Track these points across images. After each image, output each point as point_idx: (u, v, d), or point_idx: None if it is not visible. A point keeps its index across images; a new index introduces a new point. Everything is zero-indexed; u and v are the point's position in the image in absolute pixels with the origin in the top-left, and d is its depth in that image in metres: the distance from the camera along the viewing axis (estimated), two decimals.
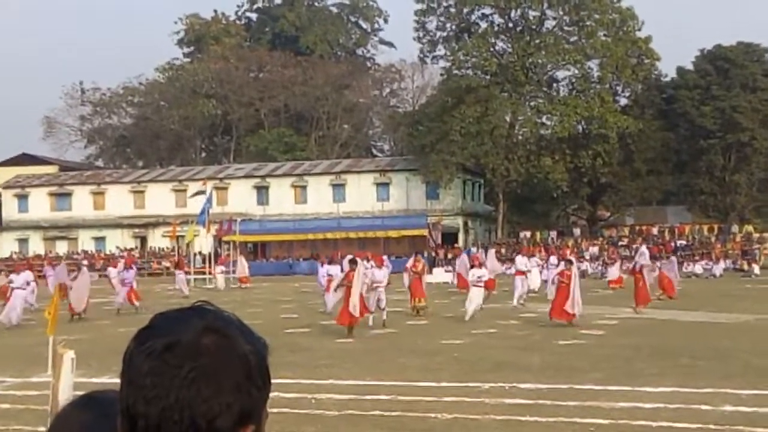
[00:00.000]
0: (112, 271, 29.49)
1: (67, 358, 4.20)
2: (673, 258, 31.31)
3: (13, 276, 24.17)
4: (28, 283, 24.39)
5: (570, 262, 22.80)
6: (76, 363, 5.68)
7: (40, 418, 9.15)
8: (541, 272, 32.92)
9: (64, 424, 1.25)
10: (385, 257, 29.51)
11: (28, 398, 11.64)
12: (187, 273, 48.51)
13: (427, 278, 40.71)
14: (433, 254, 57.52)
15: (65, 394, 4.10)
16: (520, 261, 28.72)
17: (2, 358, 16.50)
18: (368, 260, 25.15)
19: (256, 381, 1.22)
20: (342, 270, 25.61)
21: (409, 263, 25.90)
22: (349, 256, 21.76)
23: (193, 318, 1.24)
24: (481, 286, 22.94)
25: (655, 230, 61.31)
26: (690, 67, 66.86)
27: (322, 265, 38.29)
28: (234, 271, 44.96)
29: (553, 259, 34.83)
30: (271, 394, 1.27)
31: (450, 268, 45.19)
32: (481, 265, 24.52)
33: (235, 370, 1.20)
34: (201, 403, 1.17)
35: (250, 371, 1.21)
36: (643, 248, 26.91)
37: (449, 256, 54.58)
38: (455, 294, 33.12)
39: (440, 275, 45.00)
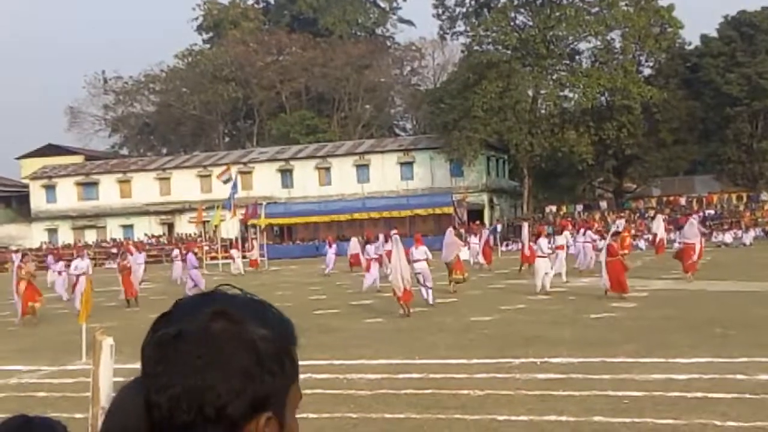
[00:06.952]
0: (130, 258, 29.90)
1: (106, 344, 4.23)
2: (692, 220, 30.56)
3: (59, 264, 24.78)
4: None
5: (617, 233, 22.78)
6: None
7: (77, 406, 9.27)
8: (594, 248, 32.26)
9: (122, 406, 1.26)
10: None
11: (65, 386, 11.81)
12: (213, 258, 48.98)
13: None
14: (462, 231, 57.33)
15: (106, 381, 4.13)
16: (563, 236, 28.66)
17: (37, 347, 16.72)
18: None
19: (269, 367, 1.18)
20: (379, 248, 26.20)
21: (456, 240, 25.68)
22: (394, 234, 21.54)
23: (206, 304, 1.21)
24: (545, 257, 23.34)
25: (682, 200, 60.80)
26: (714, 34, 65.87)
27: (330, 246, 38.28)
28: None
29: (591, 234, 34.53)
30: (304, 375, 1.24)
31: (477, 241, 45.18)
32: (547, 236, 24.97)
33: (242, 356, 1.17)
34: (208, 390, 1.14)
35: (259, 357, 1.18)
36: (660, 221, 26.65)
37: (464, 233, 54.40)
38: (483, 270, 33.25)
39: (465, 252, 44.88)
